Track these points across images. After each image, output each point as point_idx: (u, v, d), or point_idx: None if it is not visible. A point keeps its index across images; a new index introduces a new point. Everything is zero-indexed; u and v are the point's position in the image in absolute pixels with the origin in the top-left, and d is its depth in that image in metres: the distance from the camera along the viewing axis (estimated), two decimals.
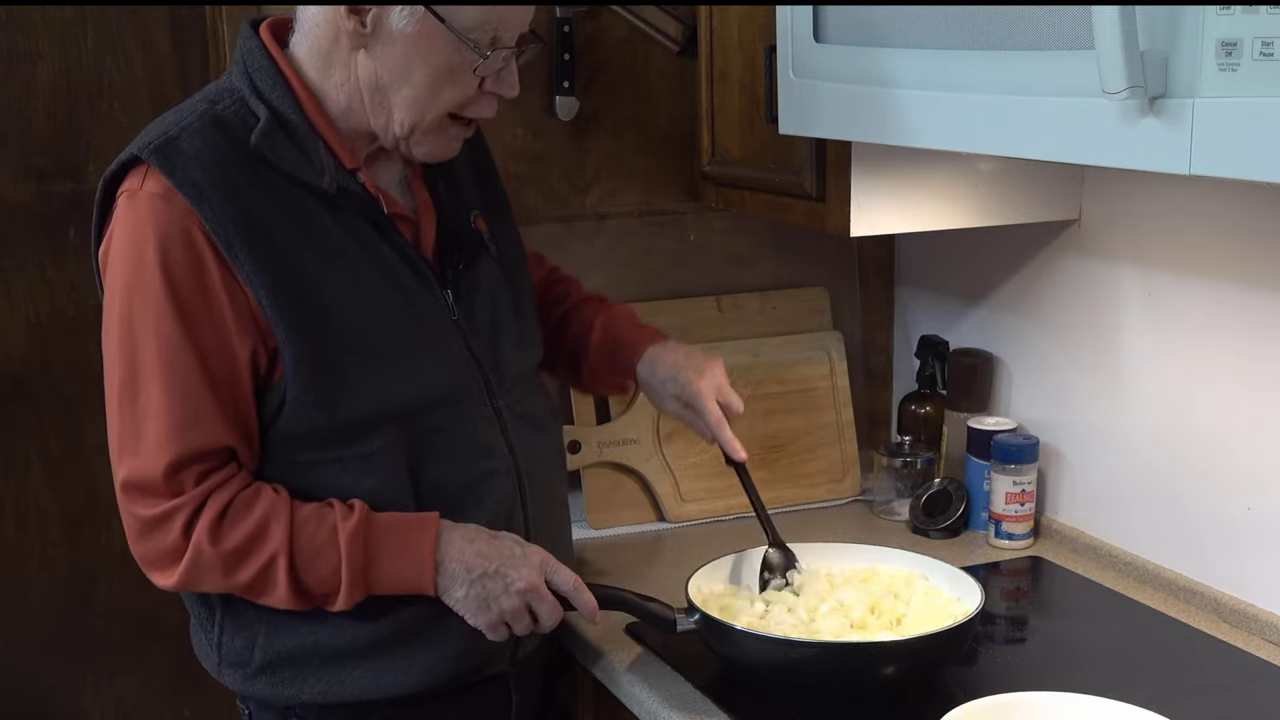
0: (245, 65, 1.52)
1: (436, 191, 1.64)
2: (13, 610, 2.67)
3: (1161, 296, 1.86)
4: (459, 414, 1.56)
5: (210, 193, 1.43)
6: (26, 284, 2.60)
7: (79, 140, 2.57)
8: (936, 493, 2.10)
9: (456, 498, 1.55)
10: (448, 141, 1.56)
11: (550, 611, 1.54)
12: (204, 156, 1.45)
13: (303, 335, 1.46)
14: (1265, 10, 1.07)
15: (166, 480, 1.45)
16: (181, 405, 1.44)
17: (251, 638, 1.55)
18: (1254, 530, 1.75)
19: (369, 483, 1.51)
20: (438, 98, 1.50)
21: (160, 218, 1.44)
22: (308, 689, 1.55)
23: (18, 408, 2.61)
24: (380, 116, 1.51)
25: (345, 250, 1.50)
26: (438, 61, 1.47)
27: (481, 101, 1.53)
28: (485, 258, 1.65)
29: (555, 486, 1.72)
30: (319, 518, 1.48)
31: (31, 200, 2.57)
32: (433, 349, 1.55)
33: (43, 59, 2.54)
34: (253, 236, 1.44)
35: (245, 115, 1.49)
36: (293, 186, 1.48)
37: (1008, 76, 1.36)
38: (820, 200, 1.90)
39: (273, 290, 1.44)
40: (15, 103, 2.53)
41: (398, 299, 1.53)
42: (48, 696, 2.73)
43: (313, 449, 1.50)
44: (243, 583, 1.48)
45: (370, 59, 1.49)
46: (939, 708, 1.38)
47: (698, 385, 1.73)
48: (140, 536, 1.49)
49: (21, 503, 2.64)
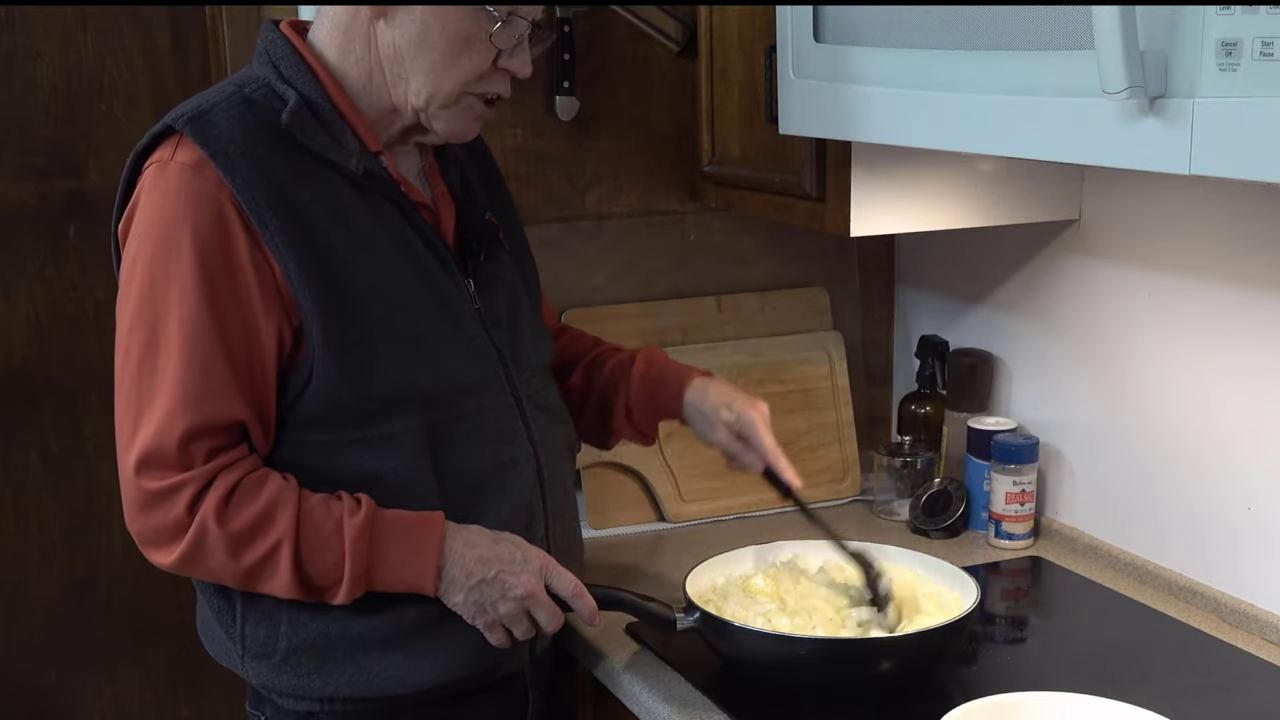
0: (269, 55, 1.54)
1: (453, 186, 1.66)
2: (13, 610, 2.67)
3: (1161, 296, 1.86)
4: (481, 401, 1.57)
5: (242, 164, 1.44)
6: (26, 284, 2.60)
7: (79, 140, 2.58)
8: (936, 493, 2.10)
9: (479, 484, 1.56)
10: (466, 119, 1.57)
11: (549, 617, 1.54)
12: (236, 130, 1.46)
13: (330, 309, 1.46)
14: (1265, 10, 1.07)
15: (179, 451, 1.44)
16: (198, 377, 1.44)
17: (275, 625, 1.53)
18: (1254, 530, 1.75)
19: (392, 464, 1.51)
20: (454, 66, 1.51)
21: (191, 188, 1.44)
22: (334, 680, 1.54)
23: (18, 408, 2.61)
24: (400, 87, 1.53)
25: (373, 231, 1.51)
26: (454, 29, 1.49)
27: (496, 77, 1.55)
28: (501, 252, 1.67)
29: (567, 479, 1.73)
30: (325, 509, 1.48)
31: (31, 200, 2.57)
32: (455, 334, 1.56)
33: (43, 59, 2.55)
34: (283, 210, 1.45)
35: (273, 99, 1.51)
36: (321, 166, 1.50)
37: (1008, 76, 1.36)
38: (820, 200, 1.90)
39: (301, 263, 1.45)
40: (15, 103, 2.53)
41: (422, 283, 1.54)
42: (48, 696, 2.73)
43: (336, 428, 1.50)
44: (246, 565, 1.47)
45: (389, 28, 1.51)
46: (939, 707, 1.38)
47: (752, 415, 1.73)
48: (142, 509, 1.47)
49: (21, 503, 2.65)
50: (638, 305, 2.25)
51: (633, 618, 1.68)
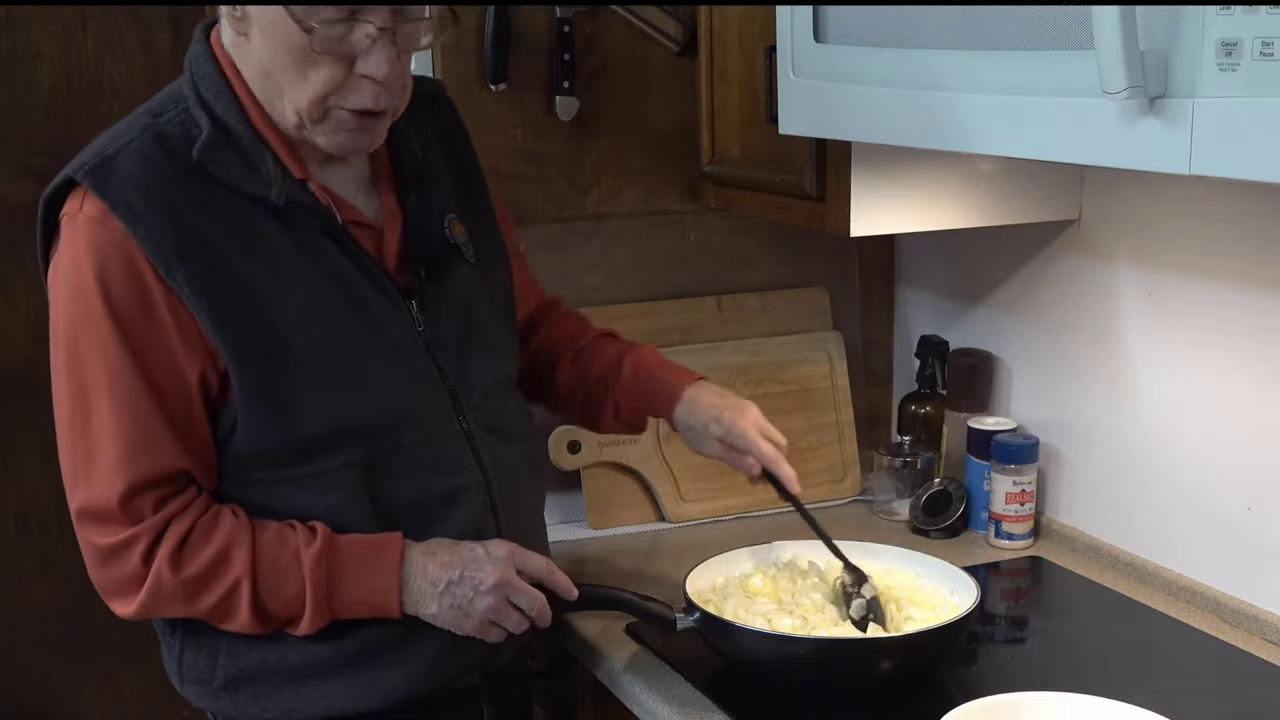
0: (191, 73, 1.48)
1: (406, 196, 1.57)
2: (13, 610, 2.67)
3: (1161, 296, 1.86)
4: (425, 431, 1.52)
5: (146, 214, 1.39)
6: (26, 284, 2.60)
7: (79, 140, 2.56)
8: (936, 493, 2.10)
9: (422, 515, 1.52)
10: (344, 133, 1.45)
11: (530, 600, 1.51)
12: (140, 176, 1.40)
13: (249, 356, 1.42)
14: (1265, 10, 1.07)
15: (123, 508, 1.42)
16: (133, 430, 1.41)
17: (214, 655, 1.52)
18: (1254, 530, 1.75)
19: (327, 501, 1.48)
20: (306, 82, 1.41)
21: (98, 241, 1.40)
22: (271, 708, 1.52)
23: (18, 408, 2.61)
24: (276, 104, 1.44)
25: (297, 265, 1.45)
26: (292, 40, 1.39)
27: (354, 85, 1.42)
28: (459, 265, 1.60)
29: (529, 499, 1.69)
30: (280, 542, 1.45)
31: (32, 200, 2.57)
32: (394, 364, 1.51)
33: (43, 59, 2.55)
34: (193, 257, 1.40)
35: (189, 127, 1.44)
36: (239, 200, 1.43)
37: (1008, 76, 1.36)
38: (820, 200, 1.90)
39: (215, 311, 1.40)
40: (15, 103, 2.53)
41: (354, 313, 1.48)
42: (48, 696, 2.73)
43: (267, 468, 1.47)
44: (204, 609, 1.46)
45: (250, 44, 1.43)
46: (939, 708, 1.38)
47: (742, 426, 1.69)
48: (99, 565, 1.46)
49: (21, 503, 2.65)
50: (637, 305, 2.24)
51: (633, 618, 1.68)
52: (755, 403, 1.75)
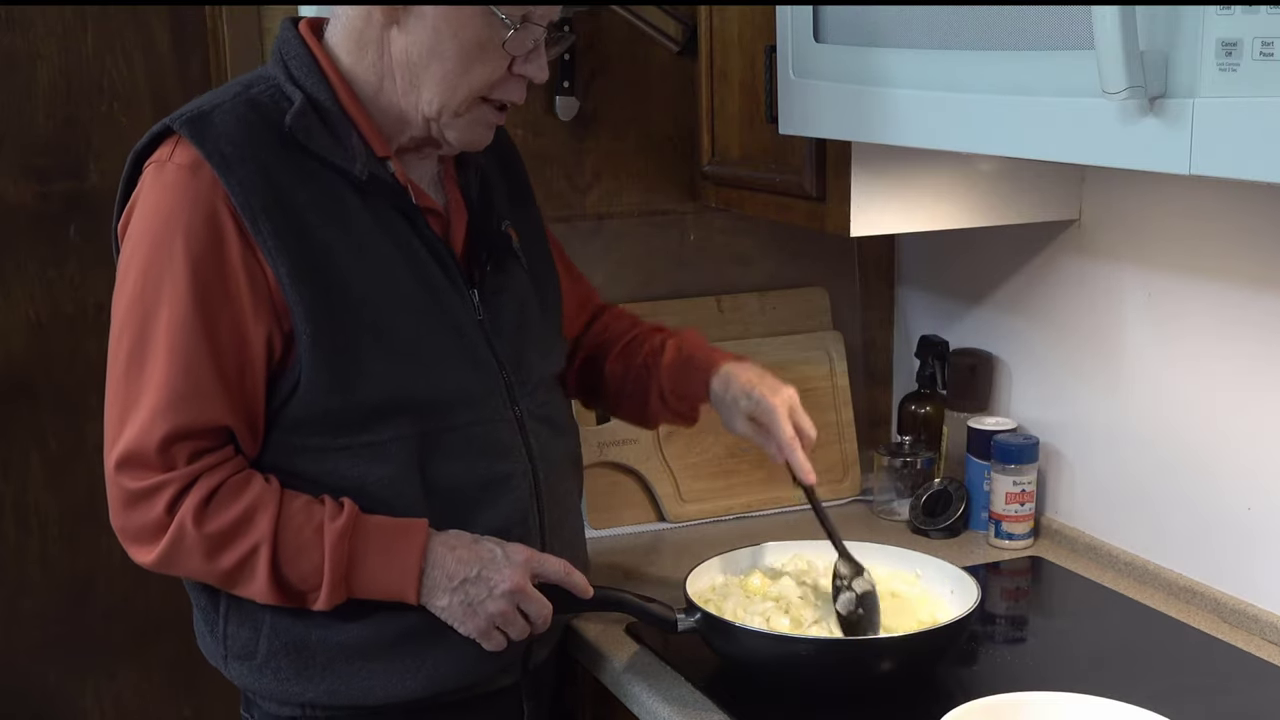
0: (281, 54, 1.54)
1: (469, 193, 1.64)
2: (13, 610, 2.67)
3: (1161, 297, 1.86)
4: (479, 414, 1.55)
5: (238, 166, 1.44)
6: (26, 284, 2.60)
7: (79, 140, 2.58)
8: (936, 493, 2.10)
9: (471, 498, 1.54)
10: (478, 127, 1.55)
11: (539, 610, 1.53)
12: (235, 132, 1.45)
13: (321, 315, 1.45)
14: (1265, 10, 1.07)
15: (159, 453, 1.44)
16: (183, 379, 1.43)
17: (257, 628, 1.53)
18: (1254, 530, 1.75)
19: (377, 473, 1.50)
20: (467, 74, 1.49)
21: (186, 189, 1.44)
22: (312, 687, 1.54)
23: (18, 408, 2.61)
24: (411, 96, 1.51)
25: (374, 237, 1.50)
26: (468, 36, 1.47)
27: (510, 84, 1.53)
28: (514, 264, 1.65)
29: (570, 493, 1.71)
30: (306, 514, 1.47)
31: (31, 200, 2.58)
32: (455, 346, 1.55)
33: (43, 59, 2.55)
34: (278, 213, 1.44)
35: (280, 99, 1.50)
36: (324, 170, 1.49)
37: (1008, 76, 1.36)
38: (820, 200, 1.90)
39: (294, 267, 1.44)
40: (15, 103, 2.54)
41: (423, 291, 1.53)
42: (48, 696, 2.73)
43: (323, 434, 1.49)
44: (223, 569, 1.47)
45: (403, 35, 1.49)
46: (939, 708, 1.38)
47: (772, 402, 1.68)
48: (124, 508, 1.47)
49: (21, 503, 2.65)
50: (637, 305, 2.24)
51: (633, 618, 1.68)
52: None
